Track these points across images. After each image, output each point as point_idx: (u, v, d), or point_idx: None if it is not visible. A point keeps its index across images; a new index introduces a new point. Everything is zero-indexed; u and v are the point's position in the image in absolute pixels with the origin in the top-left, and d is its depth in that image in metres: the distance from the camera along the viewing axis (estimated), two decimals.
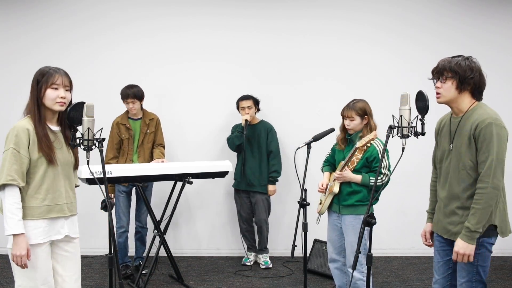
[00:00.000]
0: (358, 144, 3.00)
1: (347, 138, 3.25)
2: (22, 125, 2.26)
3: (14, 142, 2.22)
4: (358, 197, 3.12)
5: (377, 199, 3.10)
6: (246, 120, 4.27)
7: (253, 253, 4.55)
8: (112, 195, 4.06)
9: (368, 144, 3.02)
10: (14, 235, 2.19)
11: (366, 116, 3.16)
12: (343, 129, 3.27)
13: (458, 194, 2.34)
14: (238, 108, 4.43)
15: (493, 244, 2.33)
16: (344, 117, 3.22)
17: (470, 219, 2.24)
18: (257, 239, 4.58)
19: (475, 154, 2.28)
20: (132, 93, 3.98)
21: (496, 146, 2.21)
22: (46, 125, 2.32)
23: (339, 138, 3.32)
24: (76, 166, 2.50)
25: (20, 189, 2.23)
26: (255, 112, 4.43)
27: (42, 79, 2.29)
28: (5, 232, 2.20)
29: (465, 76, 2.28)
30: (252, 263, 4.49)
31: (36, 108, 2.29)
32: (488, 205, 2.22)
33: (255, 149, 4.39)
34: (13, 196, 2.21)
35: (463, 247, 2.25)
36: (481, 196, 2.23)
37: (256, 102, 4.42)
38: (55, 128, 2.39)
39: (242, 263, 4.51)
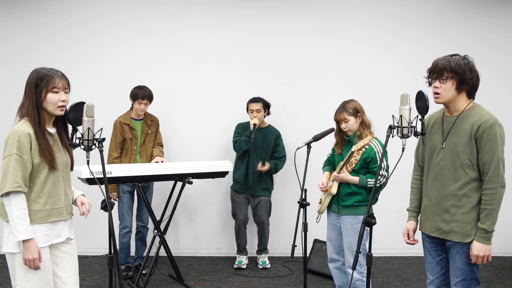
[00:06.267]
0: (354, 148, 3.01)
1: (346, 139, 3.25)
2: (23, 130, 2.23)
3: (17, 147, 2.20)
4: (357, 198, 3.13)
5: (376, 199, 3.09)
6: (254, 124, 4.21)
7: (244, 256, 4.50)
8: (116, 194, 4.06)
9: (366, 146, 3.03)
10: (24, 241, 2.19)
11: (359, 114, 3.18)
12: (339, 132, 3.28)
13: (452, 192, 2.35)
14: (247, 109, 4.38)
15: None
16: (338, 121, 3.23)
17: (484, 220, 2.26)
18: (256, 240, 4.57)
19: (474, 154, 2.29)
20: (149, 95, 4.02)
21: (500, 146, 2.26)
22: (45, 130, 2.30)
23: (335, 143, 3.33)
24: (72, 167, 2.49)
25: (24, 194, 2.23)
26: (264, 116, 4.39)
27: (42, 83, 2.25)
28: (15, 238, 2.20)
29: (464, 77, 2.30)
30: (245, 266, 4.43)
31: (36, 112, 2.26)
32: (499, 204, 2.27)
33: (259, 154, 4.35)
34: (21, 202, 2.21)
35: (482, 250, 2.26)
36: (493, 197, 2.25)
37: (266, 106, 4.36)
38: (52, 130, 2.37)
39: (235, 266, 4.42)
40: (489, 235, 2.26)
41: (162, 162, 3.96)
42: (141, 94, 3.99)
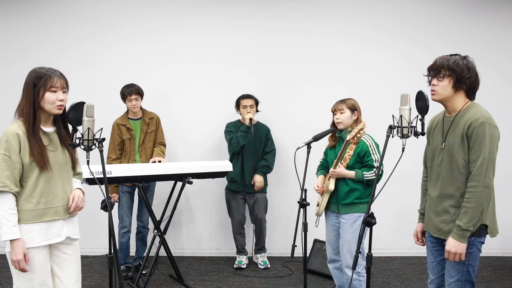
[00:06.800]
0: (348, 136, 3.04)
1: (337, 137, 3.29)
2: (12, 130, 2.24)
3: (4, 148, 2.21)
4: (356, 194, 3.15)
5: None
6: (251, 119, 4.24)
7: (244, 256, 4.50)
8: (116, 195, 4.06)
9: (360, 133, 3.06)
10: (10, 241, 2.19)
11: (356, 112, 3.23)
12: (333, 126, 3.33)
13: (451, 193, 2.35)
14: (237, 106, 4.40)
15: (483, 243, 2.34)
16: (334, 111, 3.28)
17: (461, 217, 2.24)
18: (254, 239, 4.55)
19: (467, 153, 2.28)
20: (136, 89, 4.02)
21: (488, 145, 2.22)
22: (39, 129, 2.30)
23: (329, 135, 3.37)
24: (73, 166, 2.48)
25: (14, 194, 2.23)
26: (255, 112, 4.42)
27: (40, 82, 2.26)
28: (0, 238, 2.21)
29: (462, 76, 2.29)
30: (245, 266, 4.43)
31: (32, 111, 2.26)
32: (479, 203, 2.23)
33: (252, 150, 4.36)
34: (6, 202, 2.20)
35: (454, 246, 2.25)
36: (472, 195, 2.23)
37: (256, 102, 4.41)
38: (49, 129, 2.36)
39: (235, 266, 4.42)
40: (464, 233, 2.23)
41: (159, 161, 3.96)
42: (128, 91, 4.01)
